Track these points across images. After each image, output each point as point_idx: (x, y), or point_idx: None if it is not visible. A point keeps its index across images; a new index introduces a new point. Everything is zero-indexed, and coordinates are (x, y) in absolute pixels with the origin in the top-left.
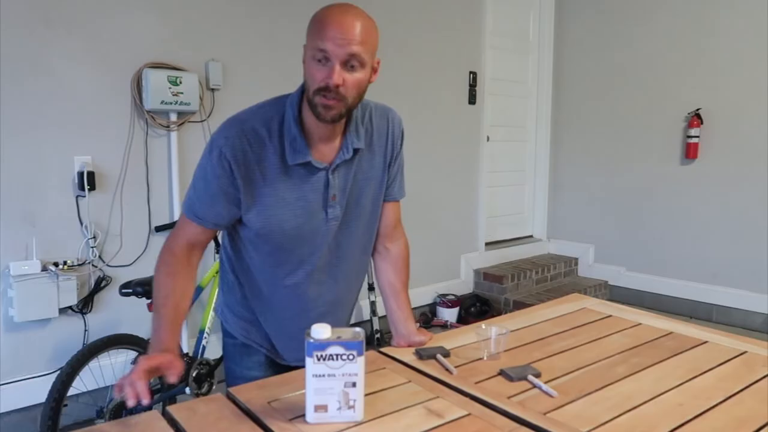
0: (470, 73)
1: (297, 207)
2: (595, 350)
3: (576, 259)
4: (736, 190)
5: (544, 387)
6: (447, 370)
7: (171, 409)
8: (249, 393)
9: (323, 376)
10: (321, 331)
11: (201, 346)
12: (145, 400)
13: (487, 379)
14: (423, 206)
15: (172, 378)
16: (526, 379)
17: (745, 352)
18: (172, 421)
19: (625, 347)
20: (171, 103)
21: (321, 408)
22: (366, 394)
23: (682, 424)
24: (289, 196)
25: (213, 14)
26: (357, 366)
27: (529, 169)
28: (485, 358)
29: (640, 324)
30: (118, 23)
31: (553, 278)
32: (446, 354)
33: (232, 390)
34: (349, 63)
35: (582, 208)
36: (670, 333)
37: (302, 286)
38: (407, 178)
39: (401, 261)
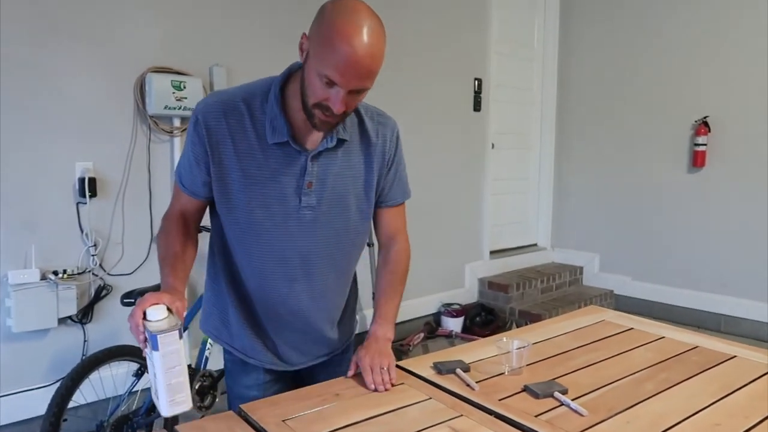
0: (475, 79)
1: (268, 187)
2: (619, 365)
3: (581, 268)
4: (743, 198)
5: (573, 405)
6: (468, 385)
7: (179, 428)
8: (261, 411)
9: (146, 355)
10: (153, 312)
11: (203, 358)
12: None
13: (511, 395)
14: (427, 214)
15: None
16: (552, 396)
17: None
18: None
19: (651, 362)
20: (174, 108)
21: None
22: (386, 412)
23: None
24: (259, 176)
25: (217, 18)
26: (154, 359)
27: (533, 176)
28: (506, 373)
29: (664, 337)
30: (120, 27)
31: (558, 287)
32: (466, 369)
33: (244, 407)
34: (357, 91)
35: (587, 216)
36: (696, 347)
37: (275, 281)
38: (412, 181)
39: (392, 264)
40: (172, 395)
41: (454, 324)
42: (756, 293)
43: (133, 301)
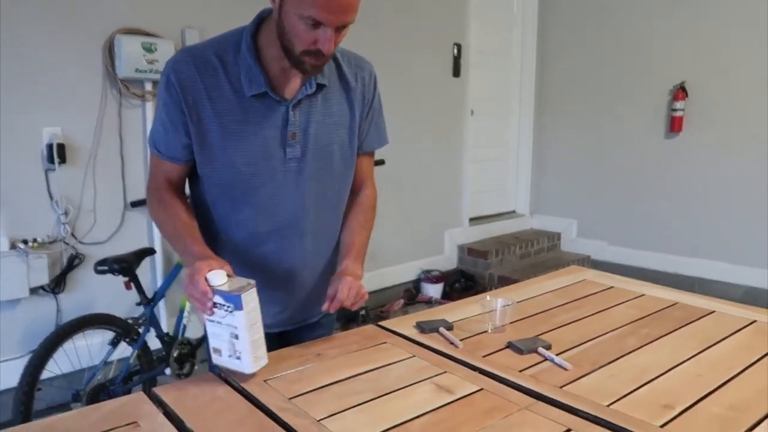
0: (455, 44)
1: (252, 143)
2: (601, 322)
3: (559, 234)
4: (718, 163)
5: (557, 359)
6: (452, 343)
7: (158, 390)
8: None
9: (213, 321)
10: (211, 277)
11: (182, 326)
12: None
13: (494, 352)
14: (406, 181)
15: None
16: (536, 351)
17: (754, 321)
18: (159, 404)
19: (632, 318)
20: (145, 72)
21: (217, 351)
22: (369, 370)
23: (707, 395)
24: (241, 131)
25: None
26: (236, 319)
27: (512, 144)
28: (490, 331)
29: (644, 295)
30: None
31: (536, 253)
32: (449, 327)
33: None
34: (341, 27)
35: (565, 182)
36: (676, 303)
37: (265, 240)
38: (391, 148)
39: (361, 206)
40: (255, 351)
41: (433, 290)
42: (728, 256)
43: (107, 268)
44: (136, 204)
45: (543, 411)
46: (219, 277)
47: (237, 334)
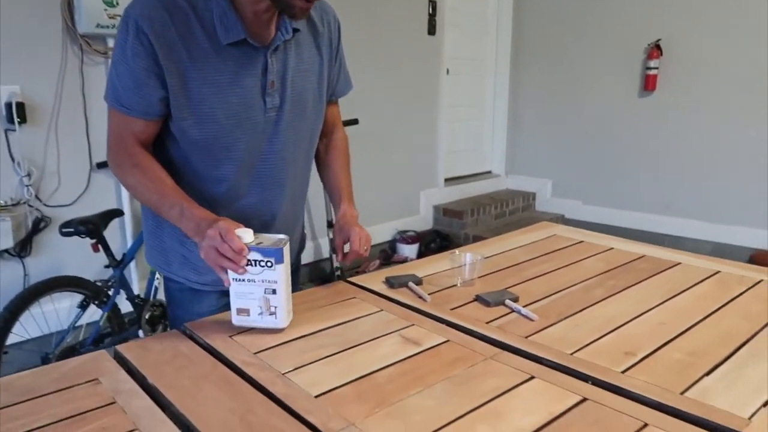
0: (430, 2)
1: (232, 94)
2: (570, 275)
3: (534, 194)
4: (690, 122)
5: (524, 311)
6: (420, 297)
7: (121, 348)
8: (208, 328)
9: (243, 280)
10: (243, 235)
11: (153, 287)
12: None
13: (462, 305)
14: (381, 141)
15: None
16: (503, 303)
17: (718, 271)
18: (122, 361)
19: (600, 271)
20: (107, 27)
21: (243, 312)
22: (337, 324)
23: (668, 342)
24: (222, 81)
25: None
26: (276, 273)
27: (488, 103)
28: (459, 285)
29: (612, 248)
30: None
31: (511, 213)
32: (418, 282)
33: (189, 325)
34: None
35: (540, 142)
36: (643, 256)
37: (245, 193)
38: (365, 108)
39: (339, 149)
40: (288, 304)
41: (409, 251)
42: (698, 213)
43: (72, 230)
44: (102, 165)
45: (507, 360)
46: (249, 234)
47: (275, 288)
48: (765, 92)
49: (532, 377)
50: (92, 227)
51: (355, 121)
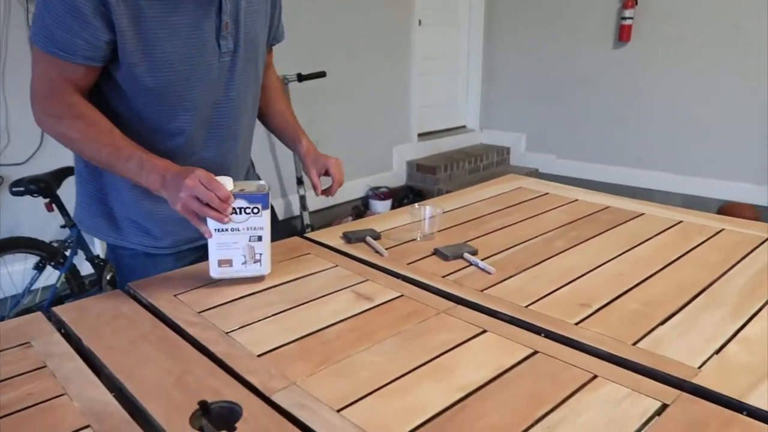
0: None
1: (188, 36)
2: (532, 227)
3: (508, 149)
4: (664, 74)
5: (481, 264)
6: (377, 252)
7: (57, 309)
8: (152, 287)
9: (226, 230)
10: (227, 182)
11: None
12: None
13: (420, 259)
14: (351, 95)
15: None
16: (461, 257)
17: (680, 221)
18: (59, 323)
19: (563, 222)
20: None
21: (225, 263)
22: (288, 281)
23: (625, 293)
24: (179, 22)
25: None
26: (262, 219)
27: (462, 56)
28: (419, 239)
29: (577, 200)
30: None
31: (485, 168)
32: (377, 236)
33: (133, 285)
34: None
35: (514, 96)
36: (607, 207)
37: (201, 147)
38: (334, 61)
39: (277, 89)
40: (270, 250)
41: (382, 207)
42: (669, 166)
43: (23, 189)
44: None
45: (460, 314)
46: (229, 182)
47: (260, 235)
48: (738, 44)
49: (485, 331)
50: (44, 186)
51: (322, 74)
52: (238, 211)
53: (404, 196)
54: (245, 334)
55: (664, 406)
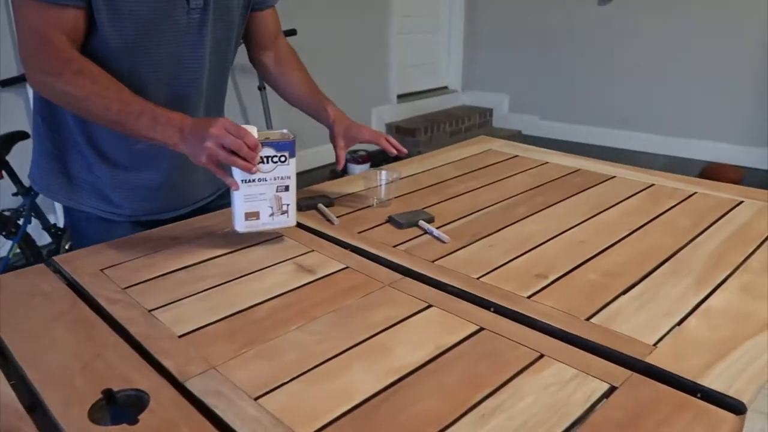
0: None
1: None
2: (496, 192)
3: (491, 110)
4: (646, 33)
5: (436, 232)
6: (328, 220)
7: None
8: (78, 261)
9: (253, 181)
10: (252, 130)
11: None
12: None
13: (372, 228)
14: (326, 54)
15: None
16: (416, 225)
17: (652, 185)
18: None
19: (529, 187)
20: None
21: (252, 215)
22: (226, 253)
23: (584, 262)
24: None
25: None
26: (289, 168)
27: (443, 14)
28: (375, 206)
29: (547, 163)
30: None
31: (467, 130)
32: (329, 203)
33: (58, 259)
34: None
35: (498, 56)
36: (578, 170)
37: (162, 105)
38: (310, 18)
39: (293, 57)
40: (295, 202)
41: (360, 170)
42: (652, 127)
43: None
44: (9, 82)
45: (407, 287)
46: (255, 131)
47: (288, 185)
48: (726, 3)
49: (430, 306)
50: None
51: (292, 32)
52: (264, 160)
53: (383, 160)
54: (169, 313)
55: (612, 389)
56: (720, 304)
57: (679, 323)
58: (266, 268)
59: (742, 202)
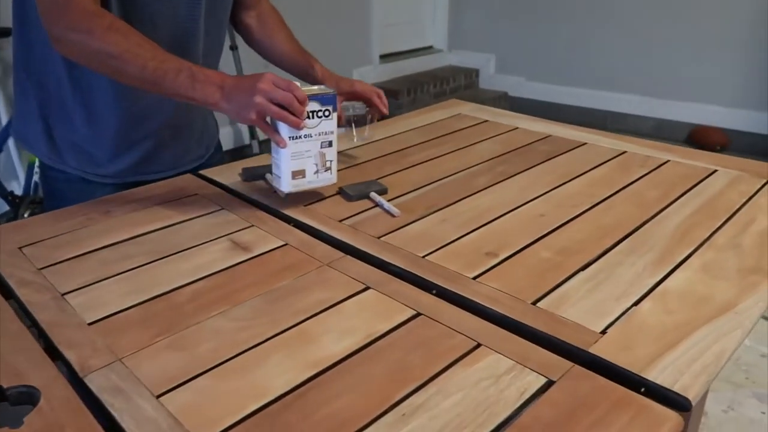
0: None
1: None
2: (458, 160)
3: (477, 71)
4: None
5: (386, 205)
6: (275, 192)
7: None
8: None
9: (299, 137)
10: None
11: (32, 183)
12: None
13: (321, 199)
14: (304, 13)
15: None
16: (367, 197)
17: (624, 152)
18: None
19: (495, 154)
20: None
21: (298, 174)
22: (158, 229)
23: (540, 238)
24: None
25: None
26: (332, 123)
27: None
28: (356, 141)
29: (517, 128)
30: None
31: (452, 91)
32: None
33: None
34: None
35: (484, 14)
36: (548, 136)
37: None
38: None
39: (276, 17)
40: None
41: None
42: (641, 88)
43: None
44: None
45: (345, 266)
46: (296, 84)
47: (331, 140)
48: None
49: (367, 288)
50: None
51: None
52: (310, 115)
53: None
54: (83, 297)
55: (550, 384)
56: (678, 285)
57: (632, 306)
58: (199, 245)
59: (715, 171)
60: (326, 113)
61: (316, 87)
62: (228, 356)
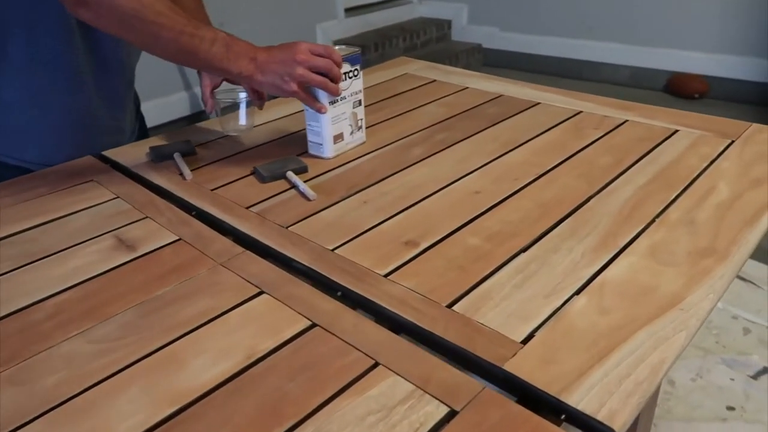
0: None
1: None
2: (394, 129)
3: (449, 22)
4: None
5: (302, 186)
6: (181, 174)
7: None
8: None
9: (336, 101)
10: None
11: None
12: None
13: (231, 182)
14: None
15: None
16: (284, 177)
17: (579, 112)
18: None
19: (437, 120)
20: None
21: (338, 137)
22: (41, 224)
23: (468, 222)
24: None
25: None
26: (360, 82)
27: None
28: (228, 133)
29: (467, 88)
30: None
31: (423, 45)
32: (190, 151)
33: None
34: None
35: None
36: (499, 96)
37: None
38: None
39: None
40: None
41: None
42: (617, 35)
43: None
44: None
45: (242, 265)
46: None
47: (360, 99)
48: None
49: (261, 293)
50: None
51: None
52: (342, 77)
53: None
54: None
55: (452, 415)
56: (619, 274)
57: (564, 305)
58: (78, 245)
59: (677, 131)
60: (356, 72)
61: (337, 47)
62: (73, 392)
